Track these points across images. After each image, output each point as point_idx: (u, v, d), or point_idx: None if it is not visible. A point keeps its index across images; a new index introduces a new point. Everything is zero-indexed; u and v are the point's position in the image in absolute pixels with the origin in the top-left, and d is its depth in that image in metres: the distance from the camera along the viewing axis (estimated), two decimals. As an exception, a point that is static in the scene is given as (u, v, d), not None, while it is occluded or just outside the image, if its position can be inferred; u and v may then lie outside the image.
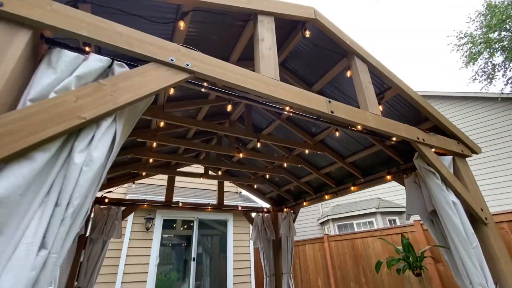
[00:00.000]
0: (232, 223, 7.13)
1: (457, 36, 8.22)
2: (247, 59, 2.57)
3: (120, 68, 1.20)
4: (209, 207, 4.96)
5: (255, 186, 5.50)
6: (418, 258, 2.52)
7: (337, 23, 2.35)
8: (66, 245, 0.92)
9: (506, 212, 3.82)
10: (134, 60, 1.28)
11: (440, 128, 2.68)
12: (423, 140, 2.33)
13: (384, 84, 2.60)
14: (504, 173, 7.81)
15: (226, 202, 5.29)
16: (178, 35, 1.88)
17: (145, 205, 4.50)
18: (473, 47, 7.58)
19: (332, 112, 1.82)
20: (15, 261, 0.80)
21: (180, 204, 4.64)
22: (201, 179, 4.52)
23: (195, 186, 7.70)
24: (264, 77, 1.63)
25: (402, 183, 3.07)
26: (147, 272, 5.73)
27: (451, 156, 2.54)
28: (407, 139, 2.24)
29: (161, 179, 6.98)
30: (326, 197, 4.51)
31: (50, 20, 1.09)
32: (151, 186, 6.81)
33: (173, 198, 4.66)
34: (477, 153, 2.80)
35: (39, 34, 1.13)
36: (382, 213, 9.89)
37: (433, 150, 2.47)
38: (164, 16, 1.81)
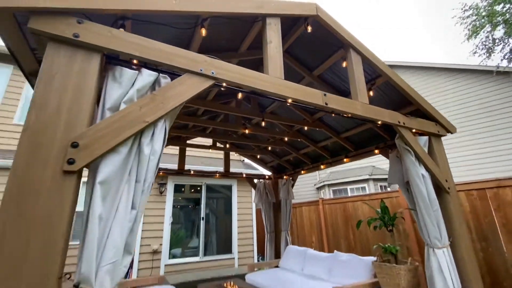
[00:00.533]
0: (236, 187, 7.84)
1: (462, 9, 8.08)
2: (255, 48, 2.88)
3: (164, 80, 1.59)
4: (217, 175, 5.55)
5: (258, 156, 6.03)
6: (391, 218, 3.12)
7: (337, 17, 2.61)
8: (144, 206, 1.41)
9: (476, 182, 4.39)
10: (166, 69, 1.65)
11: (421, 111, 3.07)
12: (404, 123, 2.75)
13: (376, 72, 2.93)
14: (493, 144, 8.30)
15: (231, 170, 5.86)
16: (197, 37, 2.20)
17: (161, 173, 5.07)
18: (476, 20, 7.52)
19: (326, 104, 2.22)
20: (118, 217, 1.30)
21: (192, 172, 5.21)
22: (210, 150, 5.02)
23: (202, 155, 8.27)
24: (272, 77, 1.99)
25: (387, 157, 3.56)
26: (163, 230, 6.55)
27: (427, 137, 2.99)
28: (390, 123, 2.67)
29: (173, 149, 7.49)
30: (322, 166, 5.05)
31: (112, 45, 1.45)
32: (164, 156, 7.30)
33: (185, 166, 5.20)
34: (452, 133, 3.24)
35: (102, 55, 1.49)
36: (375, 180, 10.66)
37: (413, 130, 2.91)
38: (187, 22, 2.11)
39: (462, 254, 2.71)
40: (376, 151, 3.90)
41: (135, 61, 1.60)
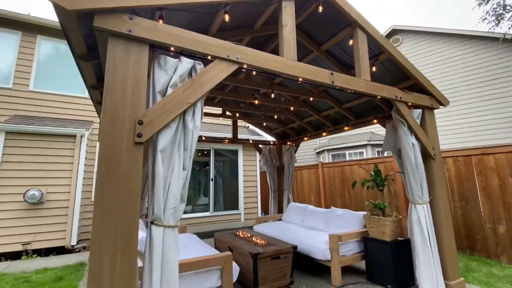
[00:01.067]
0: (242, 152, 8.36)
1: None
2: (269, 23, 3.07)
3: (198, 66, 1.89)
4: (226, 141, 5.98)
5: (264, 124, 6.40)
6: (382, 180, 3.61)
7: None
8: (191, 167, 1.84)
9: (463, 149, 4.84)
10: (199, 56, 1.95)
11: (418, 85, 3.36)
12: (400, 98, 3.07)
13: (379, 48, 3.16)
14: (496, 111, 8.53)
15: (239, 136, 6.28)
16: (218, 20, 2.42)
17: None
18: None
19: (333, 82, 2.52)
20: (174, 176, 1.73)
21: (203, 138, 5.63)
22: (220, 118, 5.36)
23: (211, 121, 8.62)
24: (286, 60, 2.28)
25: (385, 126, 3.93)
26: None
27: (421, 110, 3.33)
28: (388, 98, 2.99)
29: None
30: (324, 134, 5.46)
31: (158, 37, 1.73)
32: None
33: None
34: (444, 106, 3.57)
35: (149, 46, 1.79)
36: (372, 145, 11.16)
37: (409, 104, 3.24)
38: (211, 8, 2.31)
39: (440, 209, 3.24)
40: (375, 121, 4.27)
41: (172, 49, 1.89)
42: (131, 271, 1.47)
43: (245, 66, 2.13)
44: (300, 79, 2.44)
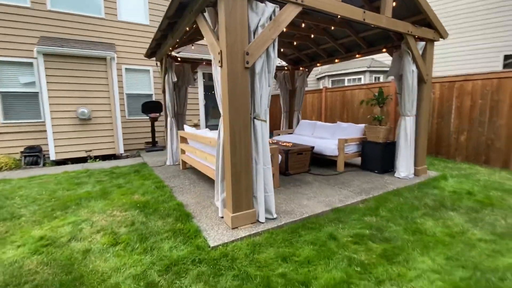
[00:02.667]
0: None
1: None
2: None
3: (277, 9, 2.60)
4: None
5: (282, 50, 6.94)
6: (383, 99, 4.69)
7: None
8: (272, 84, 2.78)
9: (450, 76, 5.82)
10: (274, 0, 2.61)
11: (427, 20, 4.05)
12: (411, 32, 3.83)
13: (402, -15, 3.70)
14: (485, 41, 9.20)
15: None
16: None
17: (204, 63, 6.12)
18: None
19: (364, 19, 3.25)
20: (263, 90, 2.68)
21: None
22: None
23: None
24: (336, 1, 2.94)
25: (391, 55, 4.75)
26: (199, 109, 8.20)
27: (424, 42, 4.13)
28: (401, 32, 3.75)
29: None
30: (336, 60, 6.20)
31: (253, -13, 2.39)
32: (198, 46, 7.77)
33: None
34: (444, 38, 4.35)
35: (245, -8, 2.44)
36: (371, 71, 11.88)
37: (417, 36, 4.02)
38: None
39: (421, 121, 4.45)
40: (384, 50, 5.04)
41: None
42: (246, 141, 2.60)
43: (307, 7, 2.81)
44: (339, 16, 3.15)
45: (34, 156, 6.36)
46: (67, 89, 6.35)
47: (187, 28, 3.58)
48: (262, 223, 2.71)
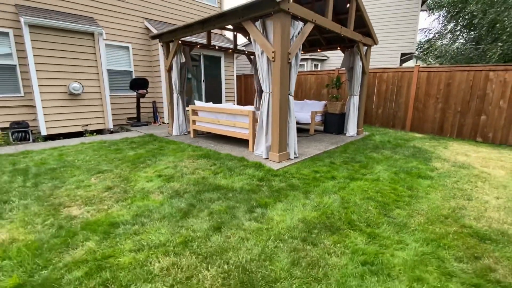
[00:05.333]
0: (224, 59, 10.16)
1: None
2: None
3: (303, 26, 4.19)
4: (230, 50, 7.85)
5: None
6: (339, 83, 6.90)
7: None
8: (296, 75, 4.39)
9: (376, 68, 8.51)
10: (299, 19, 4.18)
11: (369, 32, 6.27)
12: (361, 40, 5.98)
13: (359, 9, 5.70)
14: (392, 44, 12.64)
15: (238, 48, 8.15)
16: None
17: (198, 46, 7.07)
18: None
19: (341, 32, 5.13)
20: (292, 77, 4.30)
21: (216, 47, 7.37)
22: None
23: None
24: (330, 21, 4.70)
25: (344, 52, 6.91)
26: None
27: (367, 47, 6.39)
28: (356, 40, 5.84)
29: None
30: (301, 52, 8.08)
31: (299, 13, 3.91)
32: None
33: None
34: (376, 44, 6.71)
35: (291, 16, 3.95)
36: (312, 59, 14.45)
37: (363, 42, 6.20)
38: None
39: (362, 99, 6.84)
40: (338, 48, 7.17)
41: (298, 17, 4.06)
42: (285, 109, 4.20)
43: (317, 24, 4.46)
44: (327, 28, 4.93)
45: (22, 131, 6.22)
46: (55, 63, 6.30)
47: (226, 26, 4.75)
48: (292, 159, 4.46)
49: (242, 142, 5.61)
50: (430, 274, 1.84)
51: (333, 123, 6.99)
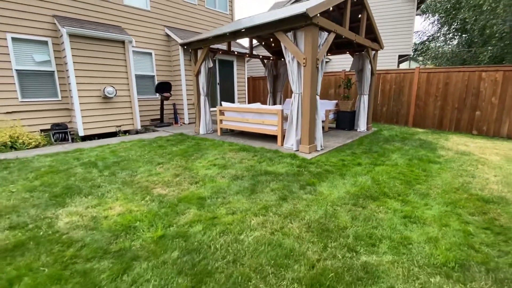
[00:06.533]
0: (236, 62, 10.82)
1: None
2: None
3: (327, 35, 4.88)
4: (247, 54, 8.51)
5: (263, 43, 9.02)
6: (350, 84, 7.62)
7: None
8: (321, 77, 5.07)
9: (381, 69, 9.28)
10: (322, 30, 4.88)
11: (377, 38, 7.02)
12: (370, 45, 6.71)
13: (369, 17, 6.44)
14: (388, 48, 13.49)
15: (254, 52, 8.81)
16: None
17: (220, 52, 7.70)
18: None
19: (355, 39, 5.85)
20: (319, 82, 5.00)
21: (236, 53, 8.01)
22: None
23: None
24: (347, 30, 5.41)
25: (353, 56, 7.64)
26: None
27: (375, 51, 7.14)
28: (366, 46, 6.57)
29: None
30: (312, 55, 8.80)
31: (325, 25, 4.61)
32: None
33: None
34: (382, 49, 7.46)
35: (318, 28, 4.64)
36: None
37: (371, 48, 6.94)
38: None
39: (371, 97, 7.58)
40: (347, 52, 7.90)
41: (324, 28, 4.75)
42: (314, 106, 4.88)
43: (337, 33, 5.15)
44: (344, 36, 5.64)
45: (62, 132, 6.75)
46: (91, 69, 6.87)
47: (258, 35, 5.42)
48: (319, 150, 5.14)
49: (269, 138, 6.27)
50: (453, 222, 2.53)
51: (345, 120, 7.71)
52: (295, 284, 1.72)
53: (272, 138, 6.22)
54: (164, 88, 8.38)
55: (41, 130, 6.81)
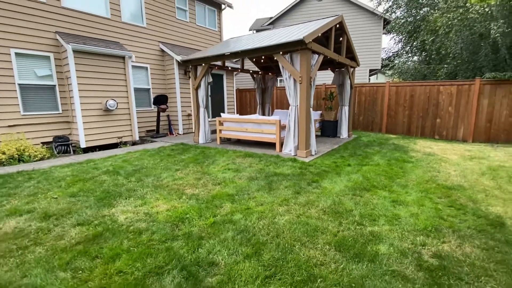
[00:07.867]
0: (225, 76, 11.51)
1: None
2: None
3: (318, 57, 5.78)
4: (239, 69, 9.25)
5: (254, 60, 9.86)
6: (332, 97, 8.63)
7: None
8: (313, 92, 5.91)
9: (358, 83, 10.50)
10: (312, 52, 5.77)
11: (354, 57, 8.13)
12: (349, 64, 7.79)
13: (349, 41, 7.51)
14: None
15: (245, 67, 9.57)
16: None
17: (216, 68, 8.36)
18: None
19: (338, 59, 6.84)
20: (311, 97, 5.85)
21: (229, 68, 8.72)
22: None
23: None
24: (332, 52, 6.37)
25: (333, 72, 8.70)
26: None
27: (353, 68, 8.26)
28: (346, 64, 7.63)
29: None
30: (298, 71, 9.77)
31: (316, 48, 5.49)
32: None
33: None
34: (358, 66, 8.60)
35: (311, 52, 5.51)
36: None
37: (350, 66, 8.03)
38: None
39: (350, 109, 8.64)
40: (329, 69, 8.97)
41: (316, 51, 5.63)
42: (308, 117, 5.69)
43: (325, 55, 6.07)
44: (329, 57, 6.60)
45: (64, 145, 6.90)
46: (93, 83, 7.16)
47: (257, 56, 6.18)
48: (313, 155, 5.93)
49: (266, 145, 6.97)
50: (427, 203, 3.39)
51: (329, 128, 8.67)
52: (327, 246, 2.40)
53: (269, 145, 6.93)
54: (161, 100, 8.79)
55: (42, 143, 6.89)
